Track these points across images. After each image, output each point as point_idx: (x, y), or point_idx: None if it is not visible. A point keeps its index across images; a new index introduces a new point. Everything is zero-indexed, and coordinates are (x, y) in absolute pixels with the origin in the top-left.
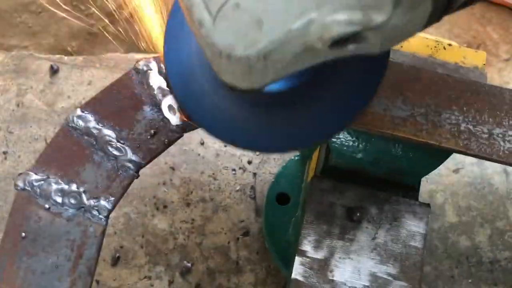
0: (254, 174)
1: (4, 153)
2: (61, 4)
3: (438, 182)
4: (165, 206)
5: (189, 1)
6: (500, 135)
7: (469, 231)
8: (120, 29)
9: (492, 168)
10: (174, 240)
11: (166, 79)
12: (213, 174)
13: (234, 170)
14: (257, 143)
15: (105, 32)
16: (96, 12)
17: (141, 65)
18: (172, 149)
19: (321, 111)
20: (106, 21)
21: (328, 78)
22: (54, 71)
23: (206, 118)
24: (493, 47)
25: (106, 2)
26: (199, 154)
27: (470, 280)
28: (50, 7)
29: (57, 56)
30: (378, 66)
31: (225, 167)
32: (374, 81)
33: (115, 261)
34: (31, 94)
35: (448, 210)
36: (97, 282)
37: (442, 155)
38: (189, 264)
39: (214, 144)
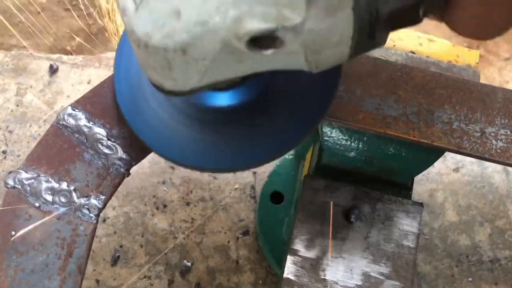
0: (254, 173)
1: (4, 152)
2: (61, 3)
3: (438, 181)
4: (165, 206)
5: None
6: (492, 134)
7: (469, 230)
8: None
9: (492, 167)
10: (174, 239)
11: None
12: (213, 173)
13: (234, 173)
14: (204, 162)
15: (106, 32)
16: (96, 11)
17: None
18: None
19: (271, 128)
20: (106, 20)
21: (277, 94)
22: (53, 70)
23: (152, 136)
24: (493, 46)
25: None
26: None
27: (470, 279)
28: (49, 7)
29: (57, 55)
30: (330, 81)
31: None
32: (327, 95)
33: (115, 261)
34: (31, 93)
35: (448, 209)
36: (97, 281)
37: (434, 154)
38: (189, 264)
39: None
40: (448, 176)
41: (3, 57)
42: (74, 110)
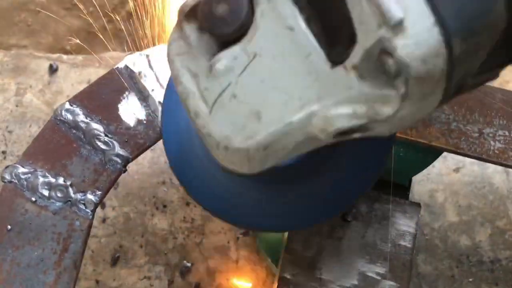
0: None
1: (3, 152)
2: (61, 3)
3: (438, 181)
4: (164, 206)
5: (185, 92)
6: (490, 135)
7: (470, 231)
8: (120, 28)
9: (493, 168)
10: (174, 239)
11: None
12: None
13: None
14: (253, 221)
15: (109, 32)
16: (96, 11)
17: (130, 59)
18: None
19: (322, 190)
20: (105, 20)
21: (330, 156)
22: (53, 70)
23: (202, 192)
24: None
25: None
26: None
27: (470, 280)
28: (49, 6)
29: (56, 55)
30: (384, 145)
31: None
32: (379, 160)
33: (115, 261)
34: (30, 93)
35: (448, 209)
36: (97, 282)
37: (432, 154)
38: (189, 264)
39: None
40: (449, 177)
41: (3, 56)
42: (72, 105)
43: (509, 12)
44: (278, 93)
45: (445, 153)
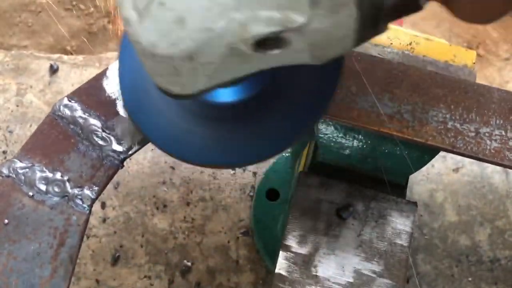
0: (254, 173)
1: (4, 152)
2: (61, 3)
3: (437, 181)
4: (165, 206)
5: (119, 0)
6: (487, 134)
7: (469, 230)
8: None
9: (492, 167)
10: (174, 239)
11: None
12: (213, 173)
13: (234, 169)
14: (206, 158)
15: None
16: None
17: None
18: None
19: (273, 124)
20: (105, 20)
21: (278, 90)
22: (53, 70)
23: (153, 129)
24: (493, 46)
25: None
26: None
27: (470, 279)
28: (49, 7)
29: (57, 55)
30: (331, 77)
31: None
32: (328, 91)
33: (115, 261)
34: (31, 93)
35: (448, 209)
36: (97, 281)
37: (429, 153)
38: (189, 264)
39: None
40: (448, 176)
41: (3, 57)
42: (70, 101)
43: None
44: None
45: (444, 153)
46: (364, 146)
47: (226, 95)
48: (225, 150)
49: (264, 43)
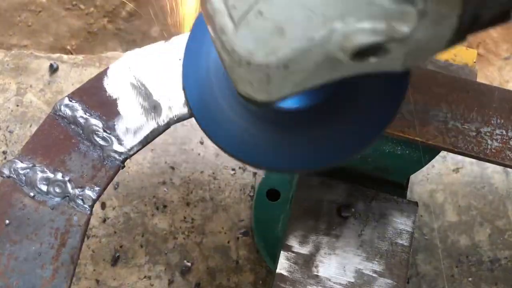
0: (254, 173)
1: (4, 152)
2: (61, 3)
3: (438, 182)
4: (165, 206)
5: (213, 9)
6: (487, 134)
7: (469, 230)
8: (120, 28)
9: (492, 168)
10: (174, 239)
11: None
12: (213, 173)
13: (234, 169)
14: (273, 163)
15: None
16: (96, 11)
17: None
18: (172, 148)
19: (341, 131)
20: (106, 20)
21: (347, 97)
22: (53, 70)
23: (222, 135)
24: (493, 46)
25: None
26: (199, 154)
27: (470, 279)
28: (49, 6)
29: (57, 55)
30: (399, 82)
31: (225, 166)
32: (397, 96)
33: (115, 261)
34: (31, 93)
35: (448, 209)
36: (97, 281)
37: (429, 153)
38: (189, 264)
39: None
40: (448, 177)
41: (3, 56)
42: (71, 101)
43: None
44: (303, 9)
45: (444, 153)
46: None
47: (296, 101)
48: (290, 155)
49: (364, 52)
